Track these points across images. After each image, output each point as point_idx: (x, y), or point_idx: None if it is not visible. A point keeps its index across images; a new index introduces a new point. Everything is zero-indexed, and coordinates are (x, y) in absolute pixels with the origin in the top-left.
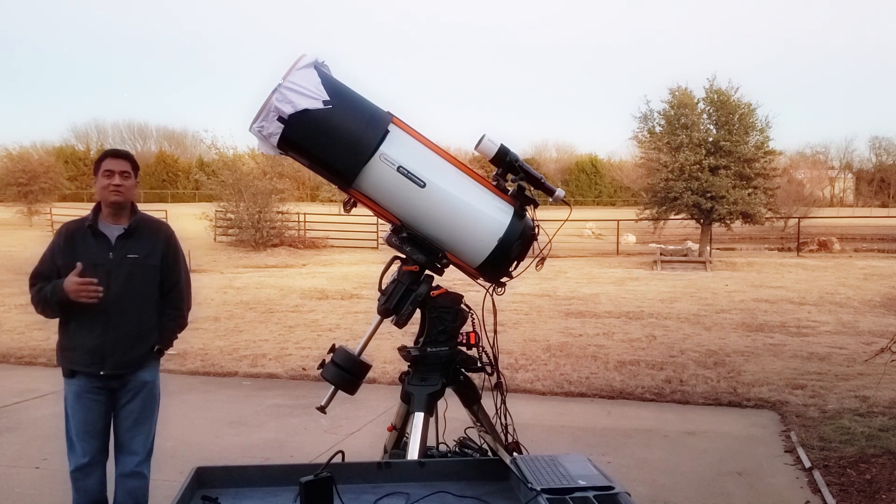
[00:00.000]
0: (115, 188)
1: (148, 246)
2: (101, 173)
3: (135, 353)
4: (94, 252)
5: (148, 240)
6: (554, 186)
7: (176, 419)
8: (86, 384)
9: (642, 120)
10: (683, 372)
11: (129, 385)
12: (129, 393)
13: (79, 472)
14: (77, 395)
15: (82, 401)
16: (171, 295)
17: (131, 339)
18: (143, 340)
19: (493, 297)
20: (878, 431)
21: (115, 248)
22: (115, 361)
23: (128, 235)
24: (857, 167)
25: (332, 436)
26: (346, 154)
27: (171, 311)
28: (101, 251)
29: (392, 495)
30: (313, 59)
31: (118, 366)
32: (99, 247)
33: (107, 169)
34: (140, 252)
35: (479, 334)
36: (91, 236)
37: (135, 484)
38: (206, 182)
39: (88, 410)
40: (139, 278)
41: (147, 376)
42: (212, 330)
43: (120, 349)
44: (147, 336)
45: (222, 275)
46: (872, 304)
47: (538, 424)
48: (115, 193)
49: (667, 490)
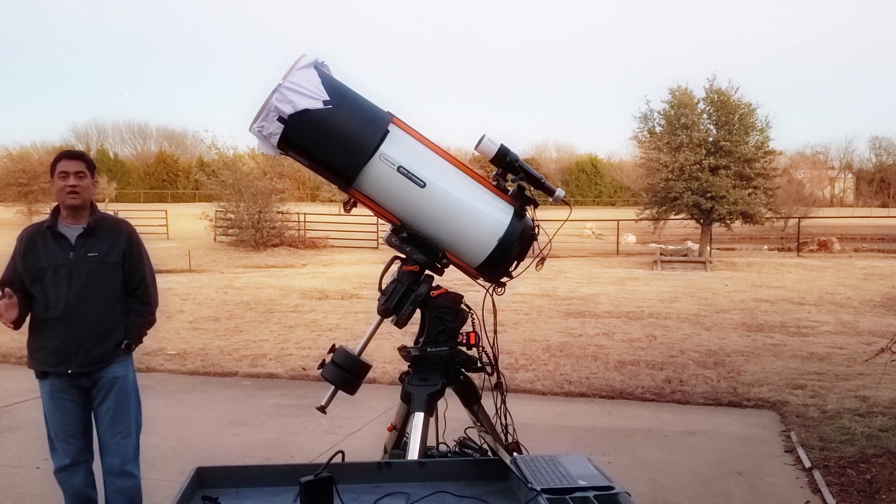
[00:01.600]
0: (72, 189)
1: (108, 244)
2: (56, 175)
3: (100, 349)
4: (54, 253)
5: (108, 238)
6: (554, 186)
7: (176, 419)
8: (57, 384)
9: (642, 120)
10: (683, 372)
11: (100, 382)
12: (101, 391)
13: (61, 472)
14: (51, 395)
15: (57, 401)
16: (138, 291)
17: (95, 337)
18: (107, 337)
19: (493, 297)
20: (878, 431)
21: (76, 248)
22: (80, 359)
23: (88, 234)
24: (857, 167)
25: (332, 436)
26: (346, 154)
27: (138, 307)
28: (62, 252)
29: (392, 495)
30: (313, 59)
31: (84, 363)
32: (59, 248)
33: (62, 171)
34: (100, 250)
35: (479, 334)
36: (51, 238)
37: (124, 483)
38: (206, 182)
39: (64, 411)
40: (100, 276)
41: (117, 371)
42: (212, 330)
43: (85, 347)
44: (112, 333)
45: (222, 275)
46: (872, 304)
47: (538, 424)
48: (71, 196)
49: (667, 490)
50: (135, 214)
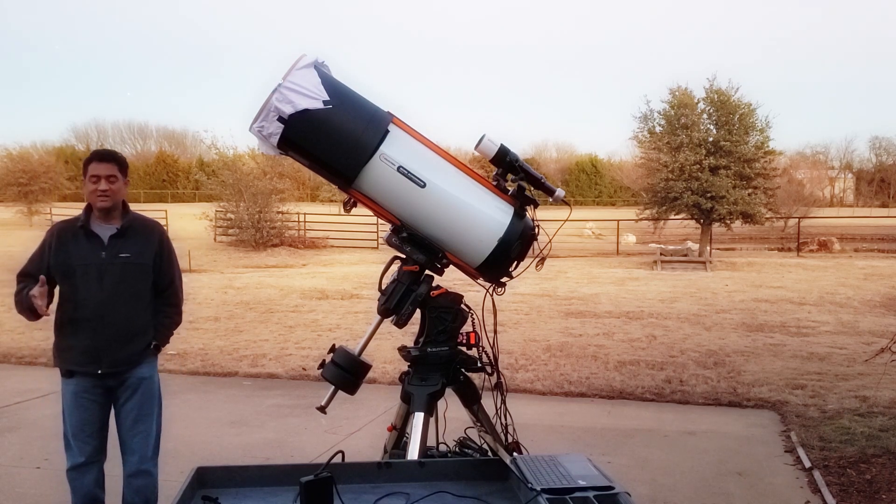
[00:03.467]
0: (102, 194)
1: (140, 245)
2: (87, 178)
3: (130, 350)
4: (86, 252)
5: (140, 239)
6: (554, 186)
7: (176, 419)
8: (83, 384)
9: (642, 120)
10: (683, 372)
11: (126, 382)
12: (127, 390)
13: (74, 471)
14: (74, 394)
15: (79, 400)
16: (167, 293)
17: (125, 338)
18: (137, 338)
19: (493, 297)
20: (878, 431)
21: (108, 248)
22: (110, 360)
23: (120, 235)
24: (857, 167)
25: (332, 436)
26: (346, 154)
27: (167, 308)
28: (94, 251)
29: (392, 495)
30: (313, 59)
31: (114, 364)
32: (91, 247)
33: (93, 174)
34: (132, 251)
35: (479, 334)
36: (83, 236)
37: (141, 482)
38: (206, 182)
39: (85, 410)
40: (132, 277)
41: (144, 372)
42: (212, 330)
43: (115, 347)
44: (142, 334)
45: (222, 275)
46: (872, 304)
47: (538, 424)
48: (102, 199)
49: (667, 490)
50: None
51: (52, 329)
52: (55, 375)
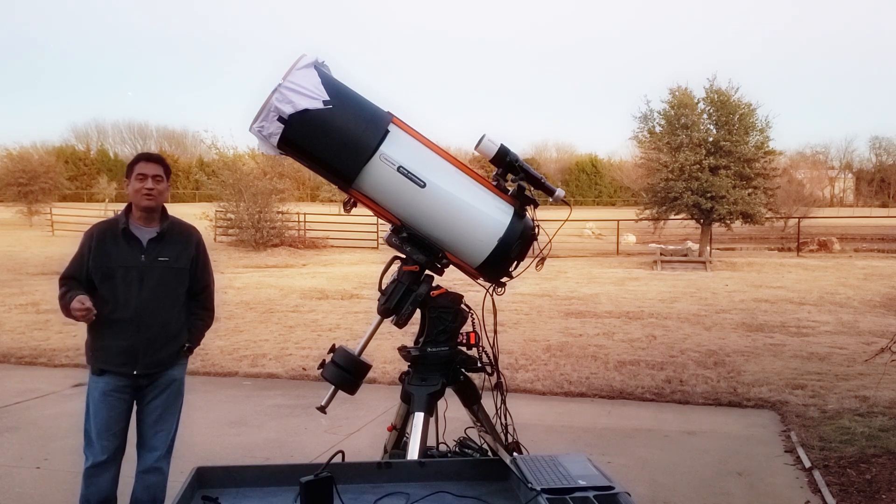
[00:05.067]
0: (148, 192)
1: (178, 250)
2: (133, 177)
3: (166, 352)
4: (126, 255)
5: (179, 244)
6: (554, 186)
7: None
8: (114, 383)
9: (642, 120)
10: (683, 372)
11: (157, 382)
12: (155, 389)
13: (95, 468)
14: (104, 392)
15: (108, 399)
16: (203, 296)
17: (162, 340)
18: (173, 340)
19: (493, 297)
20: (878, 431)
21: (147, 252)
22: (147, 361)
23: (159, 239)
24: (857, 167)
25: (332, 436)
26: (347, 154)
27: (201, 311)
28: (134, 254)
29: (392, 495)
30: (313, 59)
31: (150, 365)
32: (131, 250)
33: (140, 173)
34: (171, 255)
35: (479, 334)
36: (123, 239)
37: (153, 479)
38: (206, 182)
39: (112, 409)
40: (170, 281)
41: (176, 373)
42: (212, 330)
43: (152, 349)
44: (177, 336)
45: (222, 275)
46: (872, 304)
47: (538, 424)
48: (147, 198)
49: (667, 490)
50: None
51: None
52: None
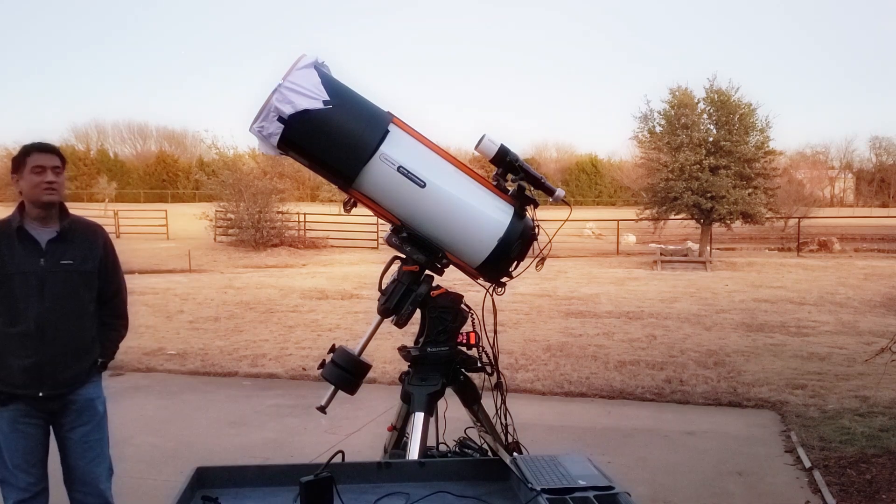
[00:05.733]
0: (49, 185)
1: (84, 251)
2: (28, 170)
3: (75, 369)
4: (22, 259)
5: (83, 244)
6: (554, 186)
7: (176, 419)
8: (22, 409)
9: (642, 120)
10: (683, 372)
11: (71, 406)
12: (71, 414)
13: None
14: (13, 421)
15: (19, 428)
16: (114, 302)
17: (71, 355)
18: (84, 355)
19: (493, 297)
20: (878, 431)
21: (47, 255)
22: (53, 381)
23: (60, 239)
24: (857, 167)
25: (332, 436)
26: (347, 154)
27: (113, 320)
28: (32, 258)
29: (392, 495)
30: (313, 59)
31: (57, 385)
32: (28, 253)
33: (37, 165)
34: (75, 258)
35: (479, 334)
36: (18, 241)
37: None
38: (206, 182)
39: (28, 438)
40: (75, 287)
41: (91, 393)
42: (212, 330)
43: (59, 366)
44: (88, 350)
45: (222, 275)
46: (872, 304)
47: (538, 424)
48: (48, 192)
49: (667, 490)
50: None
51: None
52: None
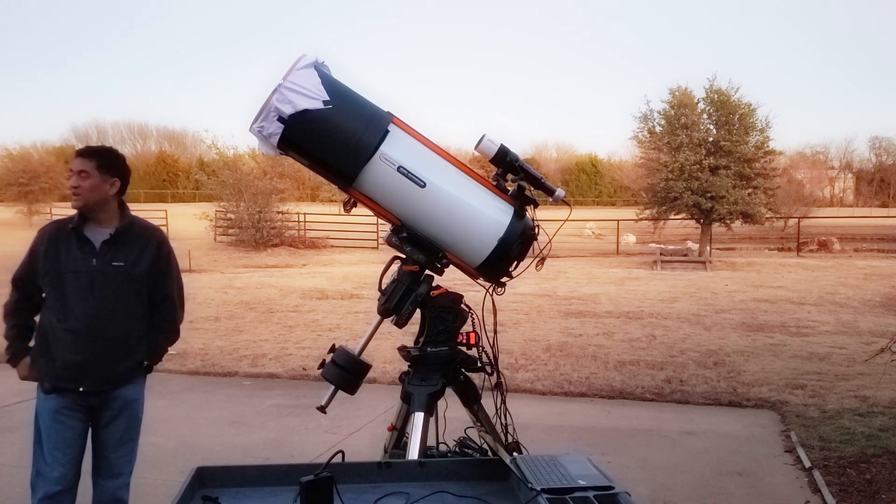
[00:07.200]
0: (72, 191)
1: (136, 253)
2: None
3: (119, 369)
4: (76, 259)
5: (136, 246)
6: (554, 186)
7: (176, 419)
8: (63, 401)
9: (642, 120)
10: (683, 372)
11: (111, 404)
12: (111, 412)
13: (49, 500)
14: (55, 412)
15: (60, 419)
16: (164, 306)
17: (115, 354)
18: (128, 355)
19: (493, 297)
20: (878, 431)
21: (100, 255)
22: (96, 377)
23: (113, 241)
24: (857, 167)
25: (332, 436)
26: (347, 154)
27: (162, 323)
28: (85, 258)
29: (392, 495)
30: (313, 59)
31: (99, 382)
32: (82, 253)
33: (69, 169)
34: (126, 260)
35: (479, 334)
36: (74, 241)
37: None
38: (206, 182)
39: (69, 430)
40: (125, 288)
41: (131, 394)
42: (212, 330)
43: (102, 364)
44: (133, 351)
45: (222, 275)
46: (872, 304)
47: (538, 424)
48: (72, 197)
49: (667, 490)
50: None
51: None
52: None
